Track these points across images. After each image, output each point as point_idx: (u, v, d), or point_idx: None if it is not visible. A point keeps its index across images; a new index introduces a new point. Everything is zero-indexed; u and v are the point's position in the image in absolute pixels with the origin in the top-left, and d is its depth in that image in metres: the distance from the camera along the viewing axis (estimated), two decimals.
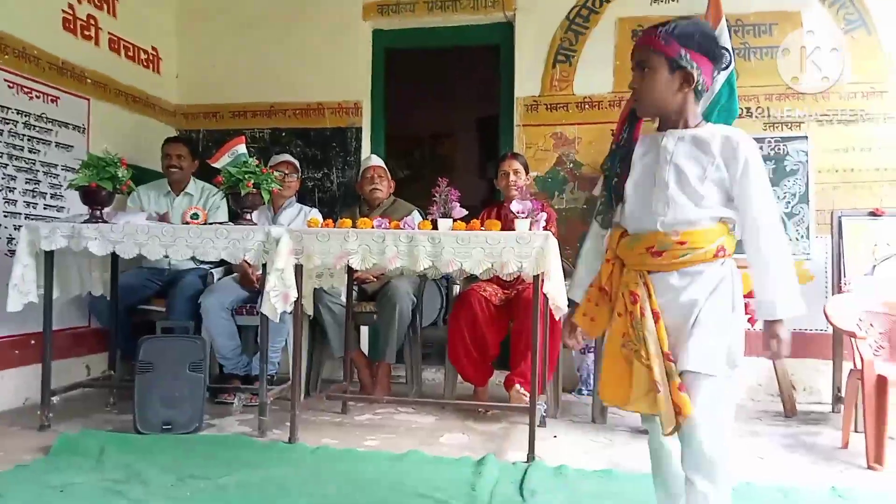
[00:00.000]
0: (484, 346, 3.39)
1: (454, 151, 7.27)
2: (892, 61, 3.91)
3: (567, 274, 2.89)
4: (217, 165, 3.06)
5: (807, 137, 3.80)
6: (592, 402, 3.44)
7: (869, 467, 2.65)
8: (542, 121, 4.26)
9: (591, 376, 3.91)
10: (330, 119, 4.47)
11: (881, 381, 2.69)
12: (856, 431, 2.97)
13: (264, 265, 2.82)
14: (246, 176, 2.89)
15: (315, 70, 4.48)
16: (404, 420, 3.33)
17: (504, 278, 3.43)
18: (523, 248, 2.62)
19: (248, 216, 3.02)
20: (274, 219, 3.82)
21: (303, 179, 4.15)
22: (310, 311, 3.48)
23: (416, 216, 3.09)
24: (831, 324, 3.02)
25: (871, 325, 3.03)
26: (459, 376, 3.53)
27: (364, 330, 4.24)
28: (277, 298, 2.70)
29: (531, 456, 2.64)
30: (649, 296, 1.61)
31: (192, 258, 3.21)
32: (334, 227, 2.80)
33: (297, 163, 3.98)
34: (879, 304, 3.09)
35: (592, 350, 3.81)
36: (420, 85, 5.96)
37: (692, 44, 1.62)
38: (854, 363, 2.93)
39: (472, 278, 3.53)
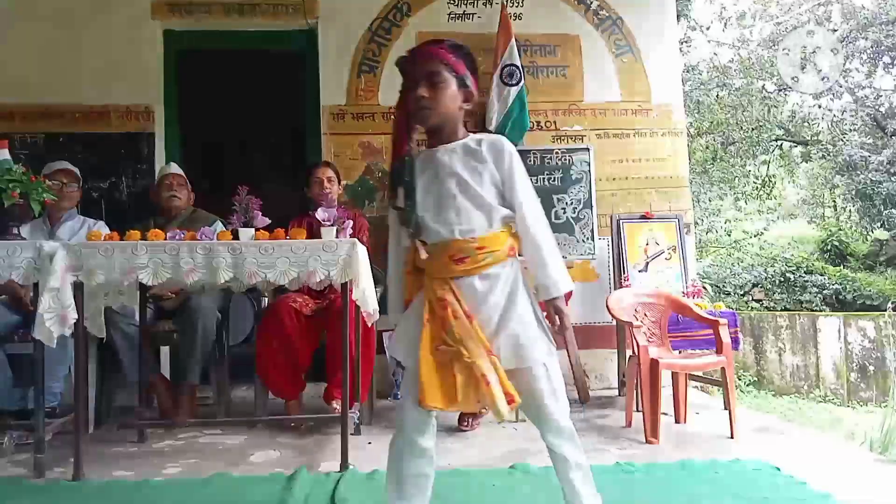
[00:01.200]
0: (294, 359, 3.30)
1: (262, 162, 7.02)
2: (654, 84, 4.46)
3: (378, 281, 2.92)
4: None
5: (589, 149, 4.20)
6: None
7: (647, 441, 2.98)
8: (349, 130, 4.27)
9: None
10: (117, 124, 4.10)
11: (654, 364, 3.03)
12: (637, 411, 3.31)
13: (36, 285, 2.51)
14: (10, 185, 2.55)
15: (99, 70, 4.09)
16: (210, 442, 3.13)
17: (314, 287, 3.36)
18: (330, 256, 2.60)
19: (15, 230, 2.67)
20: (51, 233, 3.42)
21: (86, 189, 3.76)
22: (101, 333, 3.14)
23: (218, 226, 2.93)
24: (612, 315, 3.35)
25: (646, 314, 3.40)
26: (270, 392, 3.40)
27: (165, 351, 3.93)
28: (53, 321, 2.42)
29: (344, 465, 2.62)
30: (458, 299, 1.70)
31: None
32: (121, 239, 2.56)
33: (76, 171, 3.58)
34: (651, 296, 3.49)
35: None
36: (221, 91, 5.69)
37: (472, 67, 1.80)
38: (632, 349, 3.27)
39: (281, 290, 3.42)
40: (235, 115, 6.21)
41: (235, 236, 2.62)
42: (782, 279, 10.85)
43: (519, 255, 1.83)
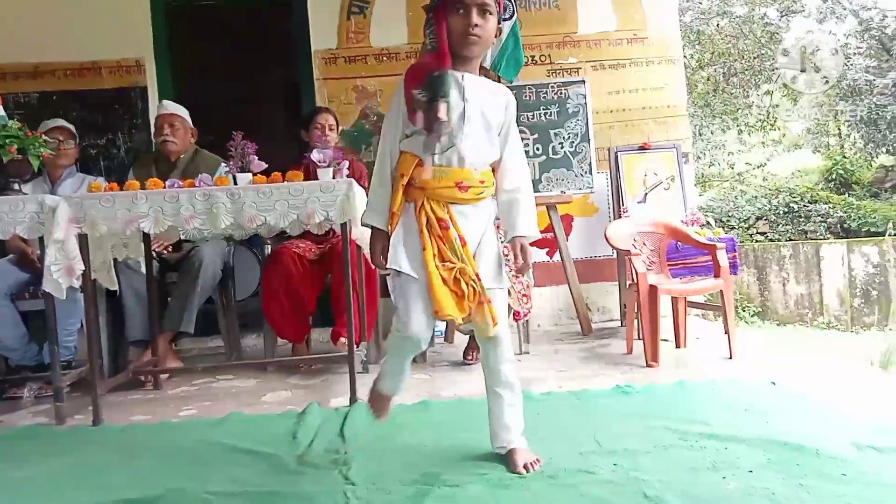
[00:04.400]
0: (300, 303, 3.37)
1: (259, 115, 6.96)
2: (648, 11, 4.38)
3: None
4: None
5: (584, 82, 4.15)
6: None
7: (647, 366, 3.05)
8: (342, 74, 4.23)
9: None
10: (109, 79, 4.09)
11: (653, 291, 3.08)
12: (638, 338, 3.38)
13: (42, 241, 2.55)
14: (7, 141, 2.57)
15: (87, 25, 4.05)
16: (223, 387, 3.23)
17: (315, 232, 3.40)
18: (327, 197, 2.63)
19: (17, 187, 2.70)
20: (52, 192, 3.45)
21: (83, 146, 3.77)
22: (112, 285, 3.17)
23: (221, 169, 2.92)
24: (611, 245, 3.38)
25: (644, 243, 3.44)
26: (279, 338, 3.48)
27: None
28: (60, 273, 2.47)
29: (353, 400, 2.70)
30: (454, 223, 1.83)
31: None
32: (120, 190, 2.59)
33: (72, 128, 3.59)
34: (650, 225, 3.52)
35: None
36: (213, 44, 5.61)
37: (500, 6, 1.89)
38: (631, 278, 3.32)
39: (283, 236, 3.47)
40: (227, 67, 6.14)
41: (234, 182, 2.65)
42: (786, 210, 10.80)
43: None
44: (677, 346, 3.41)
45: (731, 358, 3.11)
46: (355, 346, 2.82)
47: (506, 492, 1.75)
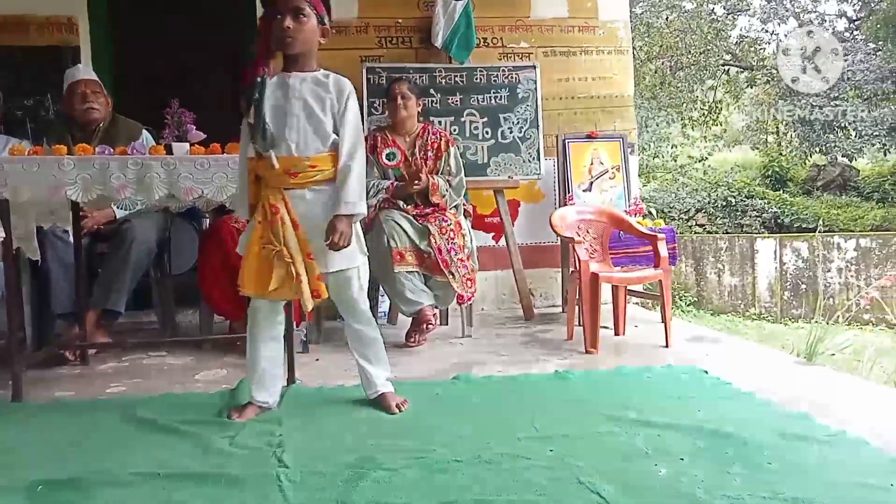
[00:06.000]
0: (237, 279, 3.26)
1: (203, 84, 6.71)
2: (601, 1, 4.39)
3: None
4: None
5: (535, 67, 4.15)
6: None
7: (586, 352, 3.09)
8: None
9: None
10: (36, 36, 3.84)
11: (594, 278, 3.11)
12: (578, 325, 3.42)
13: None
14: None
15: None
16: (155, 364, 3.11)
17: None
18: None
19: None
20: None
21: (8, 108, 3.54)
22: (35, 255, 2.98)
23: (146, 138, 2.79)
24: (556, 232, 3.40)
25: (588, 231, 3.47)
26: (215, 314, 3.38)
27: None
28: None
29: (290, 380, 2.64)
30: (287, 208, 2.05)
31: None
32: (45, 155, 2.44)
33: None
34: (593, 213, 3.55)
35: None
36: (157, 11, 5.36)
37: (327, 7, 2.16)
38: (574, 265, 3.35)
39: (223, 210, 3.34)
40: (171, 33, 5.88)
41: (169, 151, 2.52)
42: (724, 203, 11.16)
43: None
44: (616, 333, 3.46)
45: (667, 346, 3.18)
46: (294, 326, 2.75)
47: (442, 476, 1.74)
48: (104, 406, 2.43)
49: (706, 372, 2.66)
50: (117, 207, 3.25)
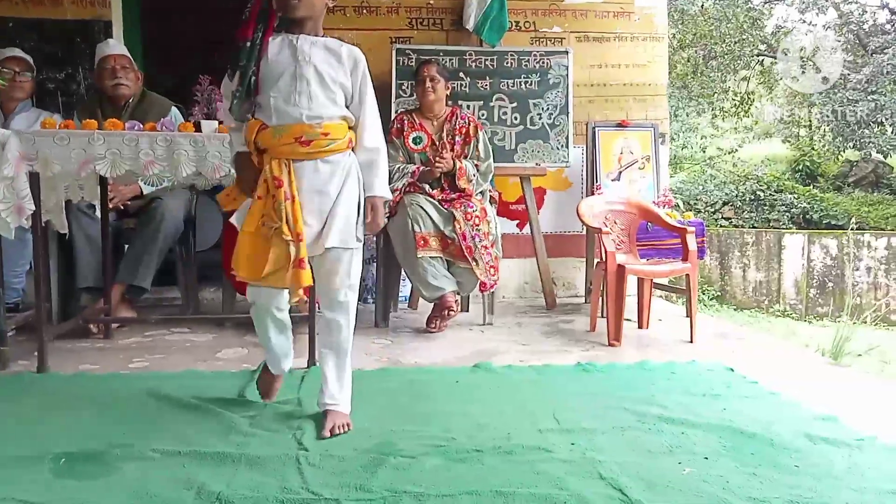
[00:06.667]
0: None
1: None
2: None
3: None
4: None
5: (568, 52, 4.07)
6: (375, 307, 3.52)
7: (609, 344, 3.05)
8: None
9: (376, 285, 3.99)
10: (70, 9, 3.85)
11: (620, 270, 3.07)
12: (601, 317, 3.38)
13: None
14: None
15: None
16: (178, 340, 3.14)
17: None
18: None
19: None
20: (5, 126, 3.26)
21: (40, 80, 3.57)
22: (63, 228, 3.01)
23: (175, 115, 2.79)
24: (582, 222, 3.35)
25: (615, 222, 3.42)
26: (238, 293, 3.39)
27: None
28: (9, 211, 2.35)
29: (311, 362, 2.65)
30: (291, 182, 1.85)
31: None
32: (76, 129, 2.45)
33: (30, 59, 3.39)
34: (622, 204, 3.49)
35: (376, 260, 3.88)
36: None
37: None
38: (599, 256, 3.30)
39: None
40: (200, 8, 5.86)
41: (198, 129, 2.52)
42: (752, 197, 10.95)
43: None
44: (640, 326, 3.42)
45: (691, 342, 3.13)
46: (316, 307, 2.75)
47: (461, 465, 1.73)
48: (127, 380, 2.45)
49: (732, 369, 2.61)
50: (144, 183, 3.27)
